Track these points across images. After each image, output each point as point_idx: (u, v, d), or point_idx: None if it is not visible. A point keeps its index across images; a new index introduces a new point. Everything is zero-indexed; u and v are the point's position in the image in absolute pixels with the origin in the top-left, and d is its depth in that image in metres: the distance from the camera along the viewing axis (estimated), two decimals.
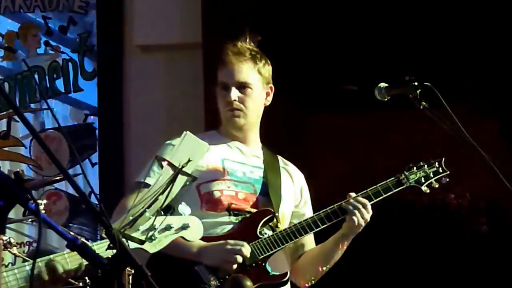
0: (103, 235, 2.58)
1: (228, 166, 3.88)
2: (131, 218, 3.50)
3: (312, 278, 3.99)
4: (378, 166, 5.47)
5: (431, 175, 3.93)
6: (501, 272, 5.23)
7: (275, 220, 3.86)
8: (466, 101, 4.87)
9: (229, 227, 3.82)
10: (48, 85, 6.25)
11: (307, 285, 4.01)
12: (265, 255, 3.78)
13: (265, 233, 3.83)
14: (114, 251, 2.47)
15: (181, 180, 3.53)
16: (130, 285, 3.60)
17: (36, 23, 6.30)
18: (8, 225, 4.28)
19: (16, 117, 6.07)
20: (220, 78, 3.90)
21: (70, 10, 6.24)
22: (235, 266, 3.71)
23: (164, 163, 3.61)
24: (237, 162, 3.91)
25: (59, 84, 6.25)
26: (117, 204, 3.90)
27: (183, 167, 3.51)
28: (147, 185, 3.67)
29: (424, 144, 5.01)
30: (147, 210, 3.54)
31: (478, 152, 3.37)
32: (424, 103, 3.56)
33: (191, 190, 3.80)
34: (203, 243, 3.74)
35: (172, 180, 3.44)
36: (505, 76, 5.27)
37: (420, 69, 4.90)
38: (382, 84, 3.74)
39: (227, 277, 3.72)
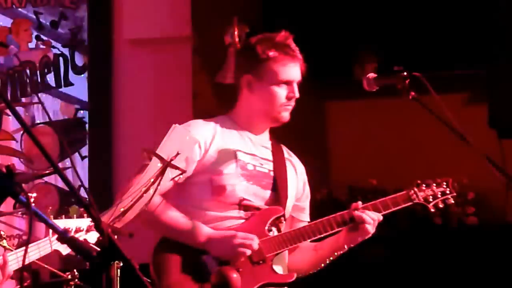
0: (93, 228, 2.56)
1: (241, 158, 3.77)
2: (120, 211, 3.49)
3: (297, 275, 3.93)
4: (394, 151, 5.49)
5: (439, 195, 3.87)
6: (489, 262, 5.22)
7: (282, 218, 3.81)
8: (455, 90, 4.87)
9: (238, 221, 3.74)
10: (39, 79, 6.23)
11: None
12: (272, 253, 3.71)
13: (272, 231, 3.79)
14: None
15: (170, 173, 3.52)
16: (118, 278, 3.57)
17: (28, 18, 6.28)
18: None
19: (7, 111, 6.04)
20: (283, 74, 3.75)
21: (61, 5, 6.24)
22: (242, 259, 3.65)
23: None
24: (249, 154, 3.80)
25: (50, 78, 6.24)
26: (106, 197, 3.89)
27: (171, 160, 3.50)
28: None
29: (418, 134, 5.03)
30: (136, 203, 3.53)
31: (467, 142, 3.35)
32: (413, 93, 3.51)
33: (204, 181, 3.74)
34: (211, 232, 3.67)
35: (161, 173, 3.43)
36: (493, 65, 5.26)
37: (412, 58, 4.89)
38: (371, 75, 3.69)
39: (240, 269, 3.66)
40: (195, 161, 3.73)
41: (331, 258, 3.86)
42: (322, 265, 3.88)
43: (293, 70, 3.77)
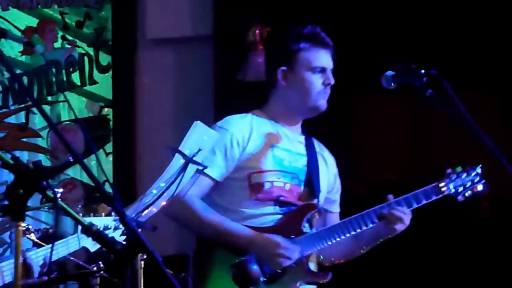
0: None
1: (277, 155, 3.78)
2: (144, 205, 3.51)
3: (333, 261, 3.90)
4: (420, 146, 5.48)
5: (468, 184, 3.86)
6: (503, 257, 5.19)
7: (315, 213, 3.80)
8: (468, 87, 4.84)
9: (274, 217, 3.74)
10: (64, 78, 6.26)
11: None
12: (310, 252, 3.72)
13: (305, 227, 3.75)
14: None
15: (192, 169, 3.53)
16: (142, 270, 3.60)
17: (53, 19, 6.31)
18: (26, 212, 4.30)
19: (34, 109, 6.08)
20: (316, 62, 3.78)
21: (86, 5, 6.25)
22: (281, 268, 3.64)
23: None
24: (284, 149, 3.80)
25: (75, 77, 6.27)
26: (129, 191, 3.88)
27: (193, 156, 3.52)
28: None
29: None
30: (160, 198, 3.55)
31: (482, 138, 3.35)
32: (430, 91, 3.51)
33: (241, 178, 3.74)
34: (253, 234, 3.65)
35: (183, 169, 3.45)
36: (506, 63, 5.25)
37: (428, 56, 4.87)
38: (389, 73, 3.69)
39: (278, 270, 3.65)
40: (235, 159, 3.72)
41: (370, 246, 3.86)
42: (362, 251, 3.88)
43: (325, 57, 3.79)
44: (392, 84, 3.67)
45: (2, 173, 5.97)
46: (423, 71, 3.51)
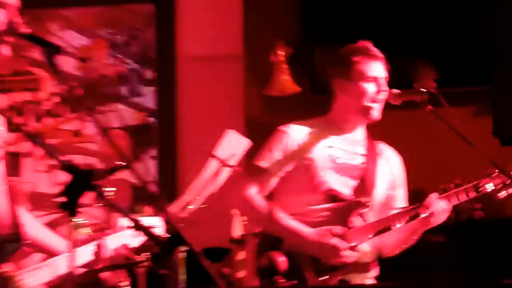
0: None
1: (333, 153, 3.82)
2: (184, 203, 3.56)
3: (382, 254, 3.94)
4: (414, 155, 5.47)
5: (508, 182, 3.79)
6: (496, 257, 5.16)
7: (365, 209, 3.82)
8: (464, 105, 4.87)
9: (324, 211, 3.76)
10: (114, 91, 6.32)
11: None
12: (355, 244, 3.72)
13: (359, 221, 3.78)
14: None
15: (225, 172, 3.58)
16: (183, 261, 3.63)
17: (103, 38, 6.37)
18: (80, 209, 4.34)
19: (88, 118, 6.14)
20: (368, 72, 3.84)
21: (132, 27, 6.31)
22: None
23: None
24: (341, 149, 3.85)
25: (124, 90, 6.32)
26: (171, 191, 3.89)
27: (227, 160, 3.57)
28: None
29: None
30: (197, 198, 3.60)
31: (474, 147, 3.43)
32: (430, 107, 3.61)
33: (297, 175, 3.79)
34: (312, 236, 3.68)
35: (217, 171, 3.49)
36: (497, 81, 5.27)
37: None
38: (395, 90, 3.77)
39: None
40: (293, 158, 3.77)
41: (407, 243, 3.87)
42: (404, 246, 3.88)
43: (376, 68, 3.86)
44: (399, 100, 3.77)
45: (59, 174, 6.05)
46: (424, 89, 3.58)
